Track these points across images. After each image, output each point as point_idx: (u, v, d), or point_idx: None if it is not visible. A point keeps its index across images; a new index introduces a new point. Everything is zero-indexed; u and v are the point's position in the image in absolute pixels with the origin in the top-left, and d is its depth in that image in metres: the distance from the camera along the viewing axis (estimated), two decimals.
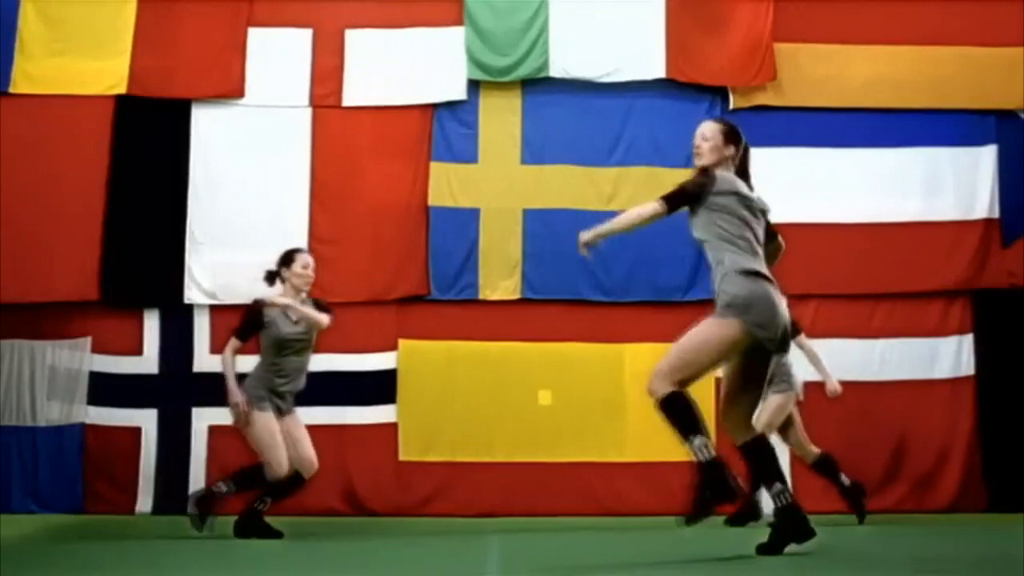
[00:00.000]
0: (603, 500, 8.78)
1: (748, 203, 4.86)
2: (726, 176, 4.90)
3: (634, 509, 8.74)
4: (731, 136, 5.05)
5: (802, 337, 7.78)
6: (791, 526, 4.75)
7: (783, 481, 4.81)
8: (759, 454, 4.84)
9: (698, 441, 4.64)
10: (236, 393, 6.47)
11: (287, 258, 6.74)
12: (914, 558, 4.97)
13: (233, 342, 6.58)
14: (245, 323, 6.62)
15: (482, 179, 9.38)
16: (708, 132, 5.02)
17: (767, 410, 7.37)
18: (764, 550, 4.75)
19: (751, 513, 7.53)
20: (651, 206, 4.76)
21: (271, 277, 6.76)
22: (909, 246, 9.29)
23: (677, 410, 4.67)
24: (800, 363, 7.92)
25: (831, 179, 9.38)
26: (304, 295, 6.73)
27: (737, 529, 7.36)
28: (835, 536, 6.39)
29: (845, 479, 7.68)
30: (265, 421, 6.47)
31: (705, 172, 4.88)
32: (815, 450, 7.69)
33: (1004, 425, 9.09)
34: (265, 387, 6.53)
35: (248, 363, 8.97)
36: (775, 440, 7.17)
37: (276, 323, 6.56)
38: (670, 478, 8.98)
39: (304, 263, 6.74)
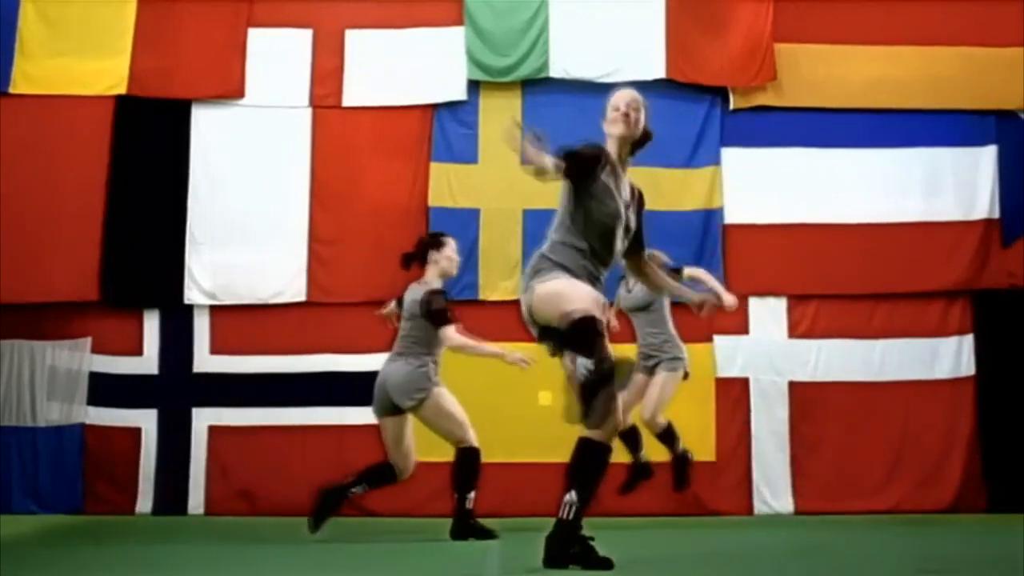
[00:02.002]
0: (603, 500, 8.68)
1: None
2: None
3: (634, 509, 8.74)
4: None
5: (685, 270, 7.53)
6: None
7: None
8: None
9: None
10: (503, 350, 6.45)
11: (437, 242, 6.63)
12: (914, 558, 4.96)
13: (455, 325, 6.47)
14: (447, 309, 6.50)
15: (482, 179, 9.38)
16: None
17: (655, 387, 7.33)
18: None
19: (642, 472, 7.54)
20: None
21: (408, 260, 6.63)
22: (909, 246, 9.29)
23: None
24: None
25: (831, 179, 9.38)
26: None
27: (737, 530, 7.35)
28: (835, 536, 6.39)
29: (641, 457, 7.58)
30: (448, 397, 6.49)
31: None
32: (661, 423, 7.48)
33: (1004, 425, 9.08)
34: (435, 376, 6.46)
35: (238, 365, 9.12)
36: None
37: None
38: (670, 478, 9.00)
39: (454, 247, 6.68)
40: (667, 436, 7.54)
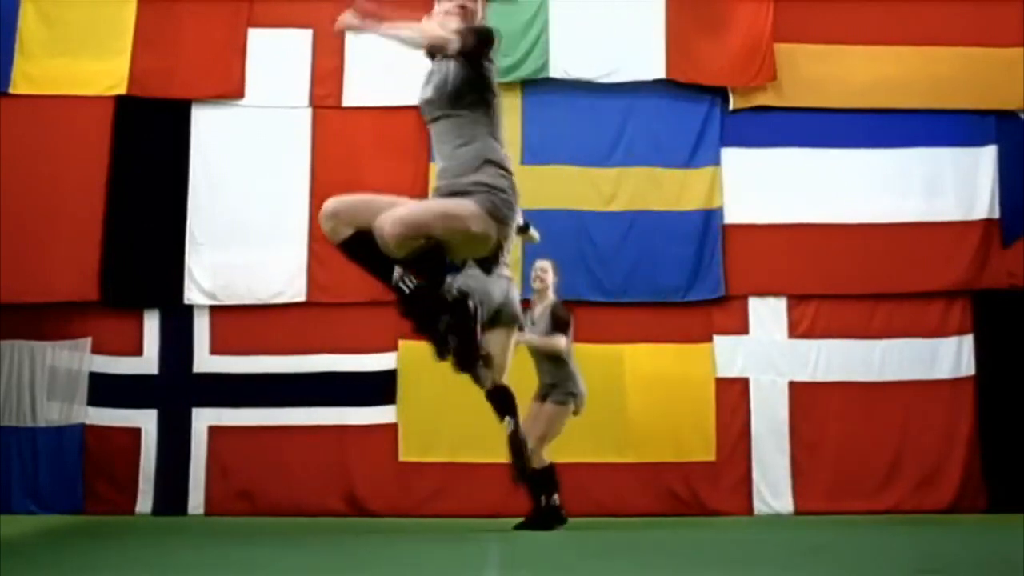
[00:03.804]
0: (603, 501, 8.78)
1: None
2: None
3: (634, 509, 8.75)
4: None
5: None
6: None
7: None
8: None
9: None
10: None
11: None
12: (914, 558, 4.96)
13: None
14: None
15: None
16: None
17: (542, 419, 7.13)
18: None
19: (554, 516, 7.08)
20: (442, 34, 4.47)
21: None
22: (909, 246, 9.30)
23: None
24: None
25: (831, 179, 9.39)
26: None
27: (737, 530, 7.34)
28: (835, 536, 6.39)
29: (552, 500, 7.12)
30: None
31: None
32: (544, 460, 7.17)
33: (1004, 425, 9.09)
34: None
35: (238, 365, 9.11)
36: None
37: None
38: (670, 478, 9.01)
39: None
40: (541, 480, 7.07)
